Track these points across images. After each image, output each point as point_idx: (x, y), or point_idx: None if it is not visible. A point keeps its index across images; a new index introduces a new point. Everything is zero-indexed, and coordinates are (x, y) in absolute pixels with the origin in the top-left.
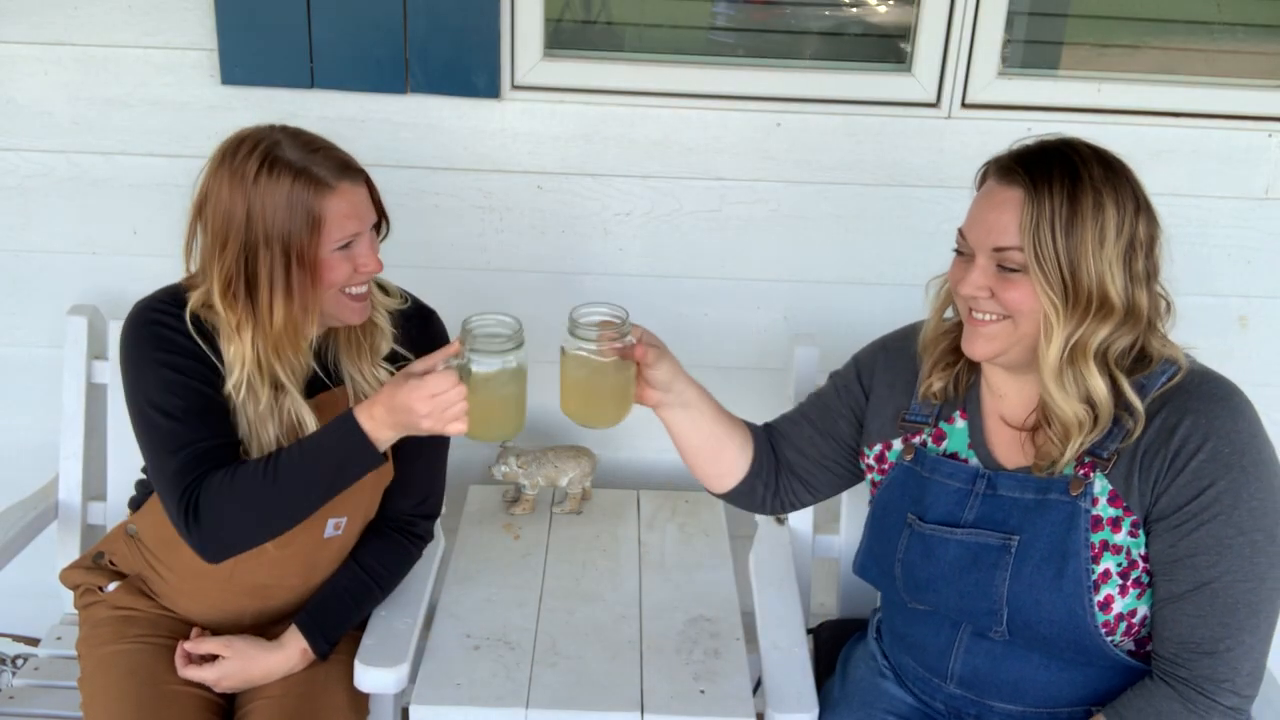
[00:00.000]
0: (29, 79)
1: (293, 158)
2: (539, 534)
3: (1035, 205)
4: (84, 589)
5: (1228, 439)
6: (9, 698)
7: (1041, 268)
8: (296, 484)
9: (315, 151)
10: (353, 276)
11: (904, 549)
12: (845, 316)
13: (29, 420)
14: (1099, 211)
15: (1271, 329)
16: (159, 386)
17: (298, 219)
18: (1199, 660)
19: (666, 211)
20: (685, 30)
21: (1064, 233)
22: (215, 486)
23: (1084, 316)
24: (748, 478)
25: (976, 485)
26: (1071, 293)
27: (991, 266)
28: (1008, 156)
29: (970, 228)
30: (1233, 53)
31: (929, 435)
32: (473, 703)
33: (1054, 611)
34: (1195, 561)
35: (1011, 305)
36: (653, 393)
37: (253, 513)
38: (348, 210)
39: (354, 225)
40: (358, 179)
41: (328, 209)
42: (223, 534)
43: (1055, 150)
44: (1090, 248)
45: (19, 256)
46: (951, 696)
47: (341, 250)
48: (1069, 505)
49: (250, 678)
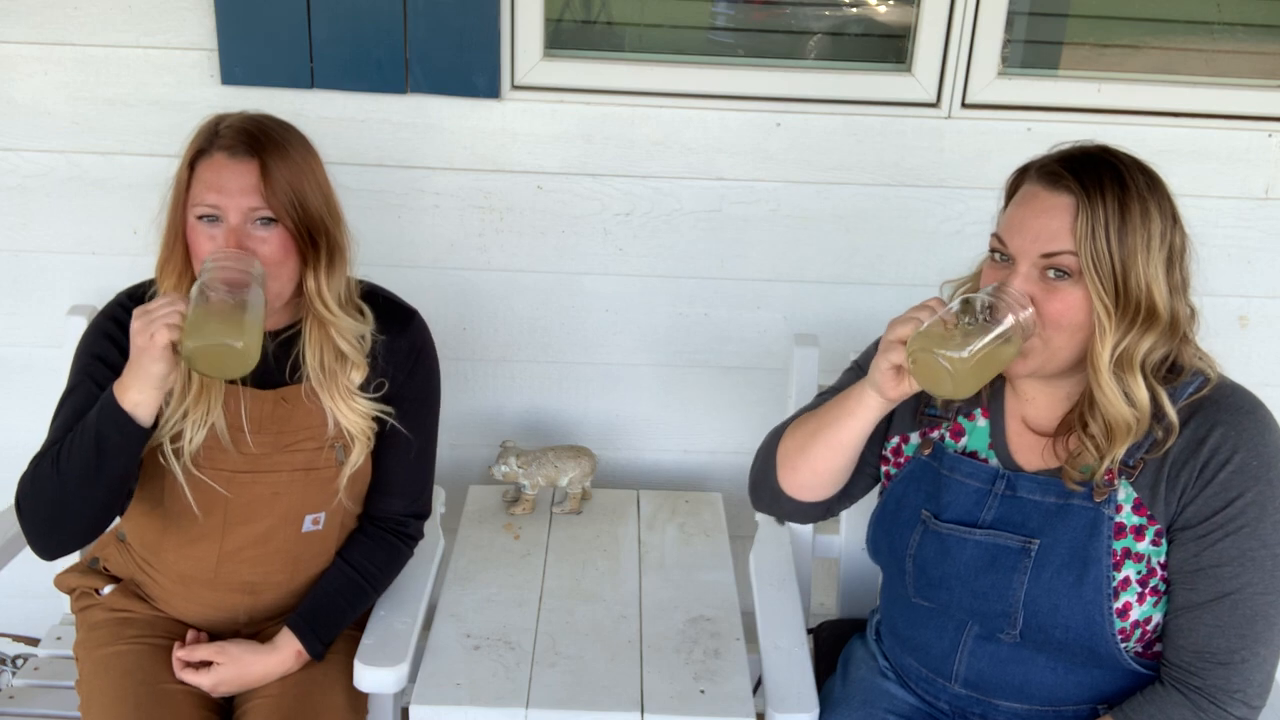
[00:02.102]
0: (29, 79)
1: (222, 123)
2: (539, 534)
3: (1089, 210)
4: (80, 592)
5: (1256, 452)
6: (9, 698)
7: (1097, 271)
8: (71, 467)
9: (238, 130)
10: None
11: (916, 545)
12: (845, 316)
13: (29, 420)
14: (1146, 220)
15: (1271, 329)
16: (80, 381)
17: (180, 178)
18: (1213, 670)
19: (666, 211)
20: (685, 30)
21: (1118, 239)
22: (24, 481)
23: (1131, 324)
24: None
25: (996, 486)
26: (1123, 299)
27: (1036, 273)
28: (1051, 161)
29: (1013, 234)
30: (1233, 53)
31: (947, 430)
32: (473, 703)
33: (1071, 617)
34: (1218, 572)
35: (1051, 316)
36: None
37: (49, 503)
38: (211, 181)
39: (212, 198)
40: (241, 156)
41: (196, 173)
42: (37, 527)
43: (1099, 157)
44: (1140, 255)
45: (19, 256)
46: (956, 696)
47: (206, 224)
48: (1092, 511)
49: (246, 681)
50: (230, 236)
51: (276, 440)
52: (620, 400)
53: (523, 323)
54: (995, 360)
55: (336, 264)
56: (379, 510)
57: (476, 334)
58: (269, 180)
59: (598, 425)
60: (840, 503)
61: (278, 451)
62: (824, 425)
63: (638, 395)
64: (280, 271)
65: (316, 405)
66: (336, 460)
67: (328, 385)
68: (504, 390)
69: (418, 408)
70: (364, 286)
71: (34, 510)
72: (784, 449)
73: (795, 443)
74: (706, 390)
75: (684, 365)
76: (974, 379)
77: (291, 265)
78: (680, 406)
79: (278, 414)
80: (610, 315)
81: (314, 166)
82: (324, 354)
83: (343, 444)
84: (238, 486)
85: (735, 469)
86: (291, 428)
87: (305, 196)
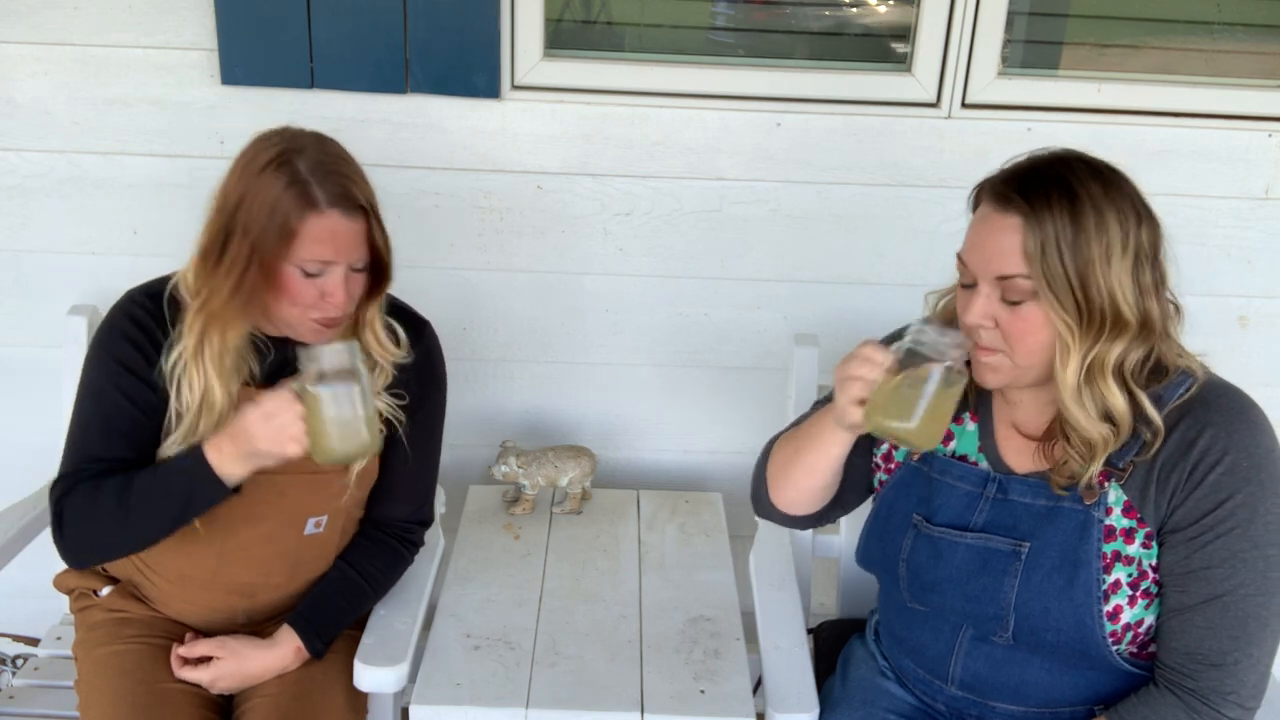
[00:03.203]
0: (29, 79)
1: (301, 167)
2: (539, 534)
3: (1038, 229)
4: (79, 592)
5: (1247, 453)
6: (9, 698)
7: (1053, 290)
8: (145, 510)
9: (329, 173)
10: (319, 304)
11: (909, 550)
12: (845, 316)
13: (29, 420)
14: (1102, 228)
15: (1271, 329)
16: (100, 384)
17: (274, 224)
18: (1206, 672)
19: (666, 211)
20: (685, 30)
21: (1071, 253)
22: (78, 499)
23: (1099, 334)
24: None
25: (987, 489)
26: (1085, 312)
27: (996, 295)
28: (1000, 180)
29: (970, 255)
30: (1233, 53)
31: None
32: (473, 703)
33: (1062, 620)
34: (1209, 574)
35: (1015, 336)
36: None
37: (104, 531)
38: (324, 237)
39: (326, 253)
40: (353, 214)
41: (305, 227)
42: (79, 545)
43: (1048, 169)
44: (1098, 265)
45: (19, 256)
46: (953, 698)
47: (310, 275)
48: (1082, 514)
49: (246, 677)
50: (343, 289)
51: None
52: (620, 400)
53: (523, 323)
54: (945, 404)
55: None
56: (382, 515)
57: (476, 334)
58: (373, 232)
59: (598, 425)
60: (834, 511)
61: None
62: (800, 449)
63: (637, 395)
64: (361, 299)
65: None
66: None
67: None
68: (504, 390)
69: (426, 417)
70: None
71: (84, 534)
72: (771, 466)
73: (778, 462)
74: (706, 390)
75: (684, 365)
76: (932, 433)
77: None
78: (680, 406)
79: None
80: (610, 315)
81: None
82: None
83: None
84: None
85: (735, 469)
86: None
87: (385, 234)
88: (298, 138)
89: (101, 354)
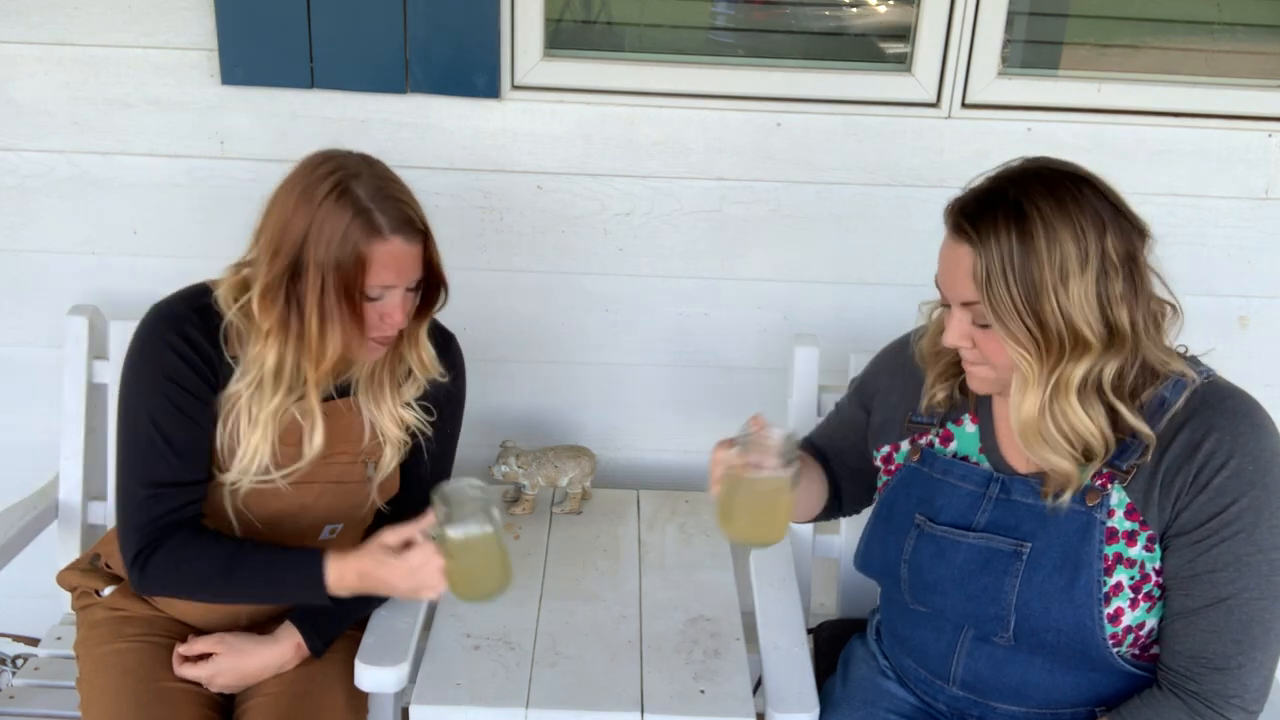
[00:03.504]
0: (29, 79)
1: (361, 194)
2: (539, 534)
3: (985, 258)
4: (81, 591)
5: (1252, 456)
6: (9, 698)
7: (1002, 320)
8: (245, 586)
9: (387, 198)
10: (378, 326)
11: (911, 550)
12: (845, 316)
13: (29, 420)
14: (1055, 247)
15: (1271, 329)
16: (159, 405)
17: (346, 254)
18: (1209, 675)
19: (666, 211)
20: (685, 30)
21: (1019, 281)
22: (175, 550)
23: (1059, 357)
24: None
25: (990, 489)
26: (1040, 338)
27: (967, 318)
28: (955, 208)
29: (939, 279)
30: (1233, 53)
31: (936, 436)
32: (473, 703)
33: (1063, 621)
34: (1214, 578)
35: (990, 354)
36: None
37: (195, 585)
38: (390, 263)
39: (391, 278)
40: (414, 238)
41: (374, 255)
42: (163, 589)
43: (1001, 191)
44: (1051, 288)
45: (19, 256)
46: (954, 698)
47: (371, 299)
48: (1084, 515)
49: (245, 673)
50: (401, 310)
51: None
52: (620, 400)
53: (523, 323)
54: (765, 507)
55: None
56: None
57: (476, 334)
58: (429, 255)
59: (598, 425)
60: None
61: (314, 466)
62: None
63: (637, 395)
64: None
65: (356, 417)
66: (366, 474)
67: (377, 396)
68: (504, 390)
69: (445, 427)
70: None
71: (172, 580)
72: None
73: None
74: (706, 390)
75: (684, 365)
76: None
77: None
78: (680, 406)
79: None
80: (610, 315)
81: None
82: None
83: (375, 460)
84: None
85: None
86: (331, 439)
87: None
88: (349, 162)
89: (147, 369)
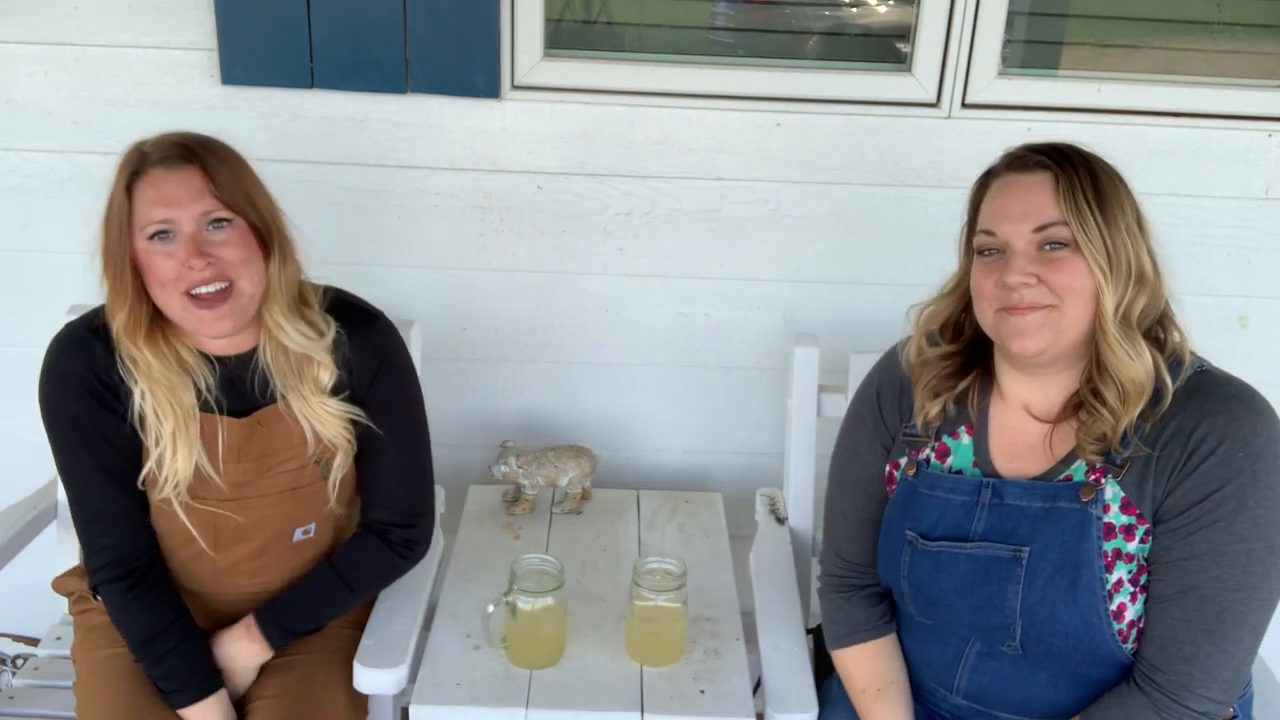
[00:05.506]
0: (29, 79)
1: (138, 147)
2: (539, 534)
3: (1068, 180)
4: (78, 596)
5: (1243, 442)
6: (9, 698)
7: (1087, 235)
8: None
9: (161, 141)
10: (182, 274)
11: (908, 566)
12: (845, 316)
13: (29, 420)
14: (1115, 189)
15: (1271, 329)
16: (73, 439)
17: (117, 209)
18: (1176, 665)
19: (666, 211)
20: (685, 30)
21: (1097, 204)
22: (112, 600)
23: (1126, 284)
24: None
25: (982, 496)
26: (1114, 258)
27: (1033, 251)
28: (1015, 153)
29: (1000, 221)
30: (1233, 53)
31: (932, 451)
32: (473, 703)
33: (1069, 623)
34: (1187, 565)
35: (1061, 287)
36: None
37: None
38: (154, 196)
39: (161, 213)
40: (178, 165)
41: (136, 194)
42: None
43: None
44: (1118, 219)
45: (19, 256)
46: (957, 707)
47: (159, 243)
48: (1079, 513)
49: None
50: (190, 245)
51: (259, 465)
52: (620, 400)
53: (523, 323)
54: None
55: (289, 260)
56: (370, 519)
57: (476, 334)
58: (215, 180)
59: (598, 425)
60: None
61: (261, 477)
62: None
63: (638, 395)
64: (249, 271)
65: (294, 422)
66: (321, 474)
67: (299, 388)
68: (504, 390)
69: (394, 416)
70: (330, 293)
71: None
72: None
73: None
74: (706, 390)
75: (684, 365)
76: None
77: (258, 263)
78: (680, 406)
79: (255, 439)
80: (610, 315)
81: (248, 166)
82: (287, 363)
83: (326, 458)
84: (224, 515)
85: (735, 469)
86: (272, 450)
87: (252, 191)
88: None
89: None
